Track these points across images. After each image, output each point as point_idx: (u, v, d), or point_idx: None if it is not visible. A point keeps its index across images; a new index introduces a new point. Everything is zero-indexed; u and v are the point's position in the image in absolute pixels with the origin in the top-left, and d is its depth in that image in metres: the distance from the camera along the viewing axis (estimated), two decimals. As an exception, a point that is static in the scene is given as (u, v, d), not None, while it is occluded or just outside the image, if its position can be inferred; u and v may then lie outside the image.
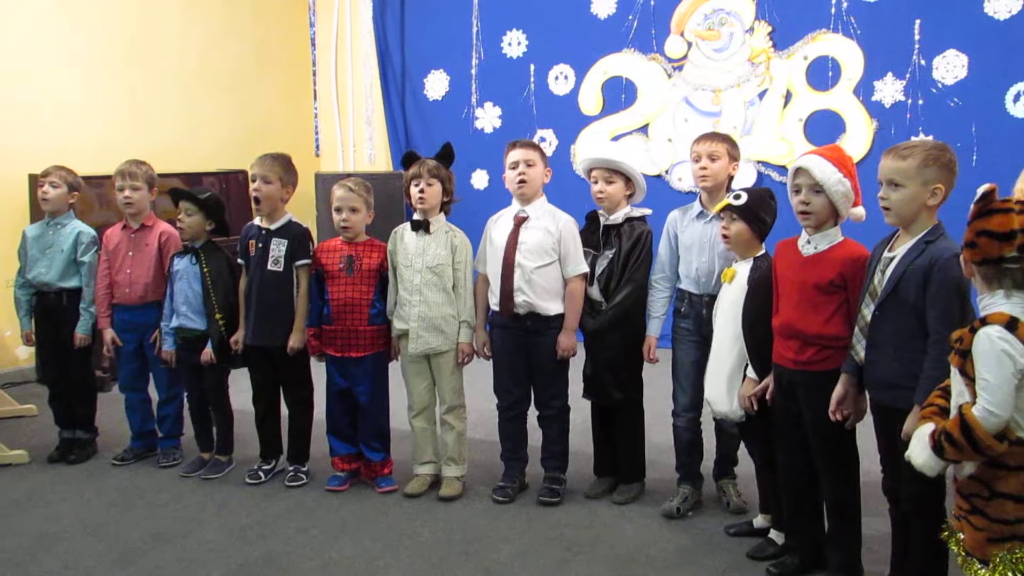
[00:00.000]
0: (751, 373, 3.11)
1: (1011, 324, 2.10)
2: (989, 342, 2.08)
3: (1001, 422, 2.07)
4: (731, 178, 3.57)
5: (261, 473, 4.01)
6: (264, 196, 3.85)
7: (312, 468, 4.05)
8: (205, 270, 3.97)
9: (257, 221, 3.96)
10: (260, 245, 3.90)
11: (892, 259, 2.58)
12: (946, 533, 2.35)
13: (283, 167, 3.90)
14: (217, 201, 4.05)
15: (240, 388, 4.17)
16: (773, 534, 3.23)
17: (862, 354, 2.66)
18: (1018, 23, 5.62)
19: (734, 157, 3.53)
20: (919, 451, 2.20)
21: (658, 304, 3.65)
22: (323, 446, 4.00)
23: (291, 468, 4.01)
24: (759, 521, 3.37)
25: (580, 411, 3.88)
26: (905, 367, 2.47)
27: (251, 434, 4.18)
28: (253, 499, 3.82)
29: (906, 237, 2.58)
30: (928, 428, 2.20)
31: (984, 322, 2.12)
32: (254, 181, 3.86)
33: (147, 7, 6.39)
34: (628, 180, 3.65)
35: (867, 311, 2.63)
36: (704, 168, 3.49)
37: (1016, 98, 5.69)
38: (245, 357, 4.00)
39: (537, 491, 3.76)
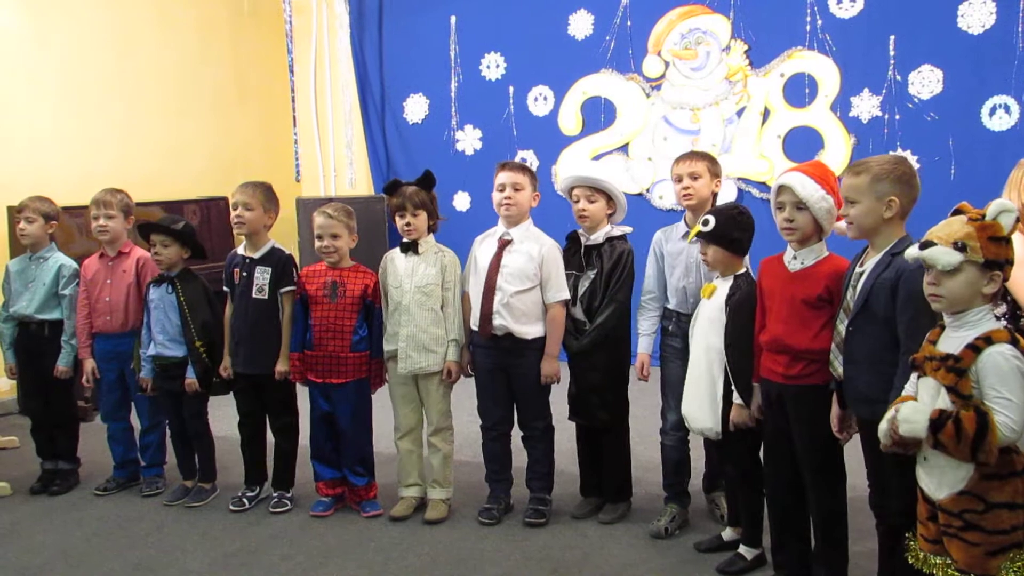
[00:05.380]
0: (736, 398, 3.12)
1: (1014, 341, 2.14)
2: (1006, 361, 2.12)
3: (1016, 440, 2.12)
4: (715, 195, 3.61)
5: (245, 500, 4.00)
6: (247, 222, 3.87)
7: (297, 494, 4.04)
8: (182, 299, 3.98)
9: (241, 250, 3.98)
10: (244, 274, 3.92)
11: (862, 274, 2.63)
12: (913, 557, 2.37)
13: (264, 194, 3.93)
14: (191, 229, 4.06)
15: (224, 414, 4.18)
16: (743, 549, 3.26)
17: (840, 369, 2.69)
18: (991, 37, 5.71)
19: (716, 174, 3.58)
20: (914, 412, 2.20)
21: (648, 323, 3.69)
22: (308, 471, 4.00)
23: (275, 494, 4.00)
24: (728, 534, 3.40)
25: (565, 431, 3.89)
26: (882, 381, 2.50)
27: (235, 460, 4.17)
28: (237, 526, 3.81)
29: (874, 251, 2.63)
30: (942, 395, 2.20)
31: (989, 341, 2.15)
32: (235, 208, 3.89)
33: (124, 36, 6.42)
34: (609, 199, 3.69)
35: (842, 327, 2.67)
36: (687, 188, 3.53)
37: (992, 111, 5.79)
38: (227, 384, 4.00)
39: (523, 512, 3.77)
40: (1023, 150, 3.33)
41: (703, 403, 3.22)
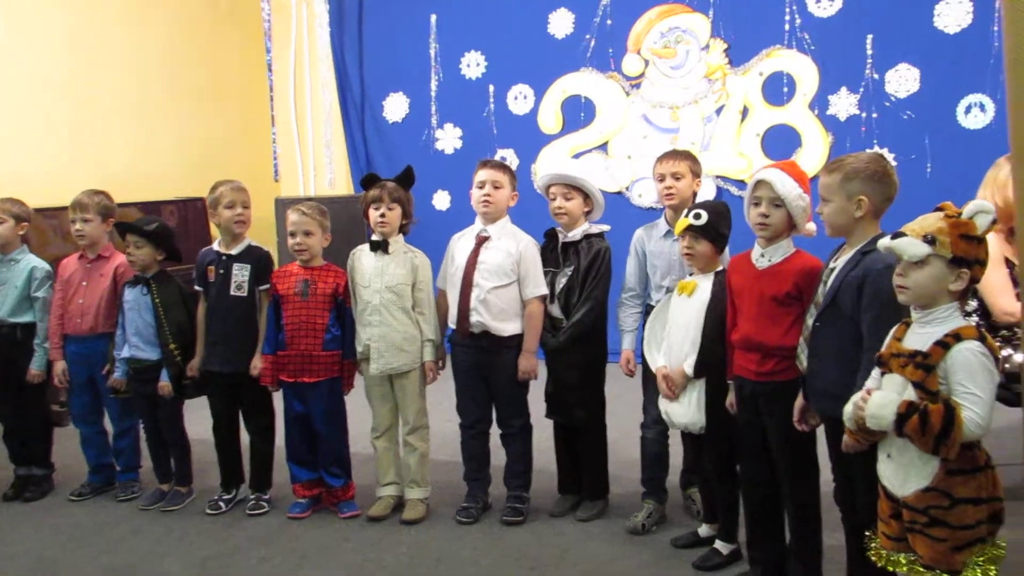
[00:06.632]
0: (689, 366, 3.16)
1: (982, 338, 2.16)
2: (975, 357, 2.14)
3: (981, 435, 2.14)
4: (695, 194, 3.63)
5: (222, 503, 3.99)
6: (248, 220, 3.91)
7: (274, 496, 4.03)
8: (156, 300, 3.95)
9: (216, 247, 3.96)
10: (221, 271, 3.90)
11: (833, 270, 2.64)
12: (875, 555, 2.39)
13: (246, 192, 3.95)
14: (165, 230, 4.04)
15: (200, 417, 4.15)
16: (718, 544, 3.28)
17: (805, 363, 2.71)
18: (968, 37, 5.77)
19: (697, 173, 3.61)
20: (880, 408, 2.21)
21: (629, 320, 3.70)
22: (285, 474, 3.98)
23: (252, 496, 3.99)
24: (704, 531, 3.42)
25: (544, 429, 3.90)
26: (846, 376, 2.51)
27: (212, 463, 4.15)
28: (214, 529, 3.79)
29: (848, 248, 2.65)
30: (909, 391, 2.22)
31: (958, 337, 2.16)
32: (233, 207, 3.87)
33: (100, 35, 6.37)
34: (586, 196, 3.70)
35: (810, 321, 2.69)
36: (669, 187, 3.55)
37: (968, 110, 5.84)
38: (202, 386, 3.98)
39: (501, 511, 3.77)
40: (998, 148, 3.35)
41: (687, 399, 3.22)
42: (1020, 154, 2.24)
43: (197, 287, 3.99)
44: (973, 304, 3.46)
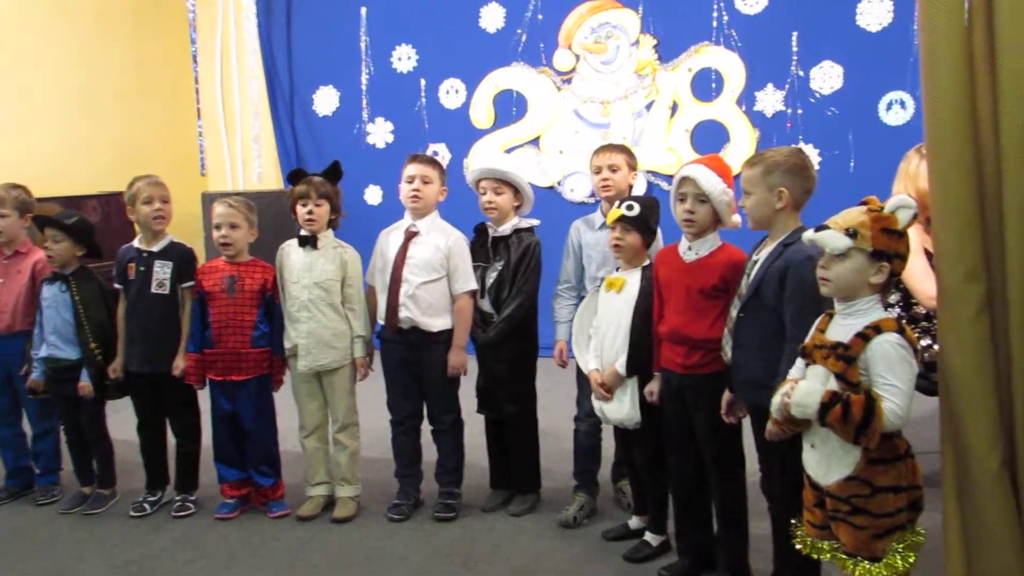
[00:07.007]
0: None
1: (900, 330, 2.20)
2: (894, 349, 2.17)
3: (901, 426, 2.18)
4: (631, 187, 3.66)
5: (146, 505, 3.89)
6: (168, 216, 3.81)
7: (200, 496, 3.94)
8: (76, 298, 3.83)
9: (136, 243, 3.86)
10: (141, 268, 3.80)
11: (756, 262, 2.68)
12: (801, 543, 2.44)
13: (165, 186, 3.86)
14: (86, 224, 3.92)
15: (123, 417, 4.04)
16: (648, 536, 3.31)
17: (730, 354, 2.75)
18: (888, 35, 5.91)
19: (632, 166, 3.65)
20: (806, 396, 2.23)
21: (564, 312, 3.70)
22: (212, 474, 3.90)
23: (178, 498, 3.90)
24: (635, 523, 3.45)
25: (475, 424, 3.88)
26: (769, 366, 2.56)
27: (136, 465, 4.04)
28: (138, 532, 3.70)
29: (770, 241, 2.69)
30: (831, 383, 2.25)
31: (878, 330, 2.20)
32: (151, 203, 3.78)
33: (19, 25, 6.16)
34: (516, 191, 3.70)
35: (734, 312, 2.73)
36: (606, 179, 3.58)
37: (889, 107, 5.99)
38: (124, 386, 3.87)
39: (432, 507, 3.76)
40: (918, 143, 3.46)
41: (622, 396, 3.23)
42: (935, 149, 2.30)
43: (117, 285, 3.87)
44: (895, 296, 3.55)
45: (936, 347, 3.42)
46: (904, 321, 3.04)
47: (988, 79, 2.23)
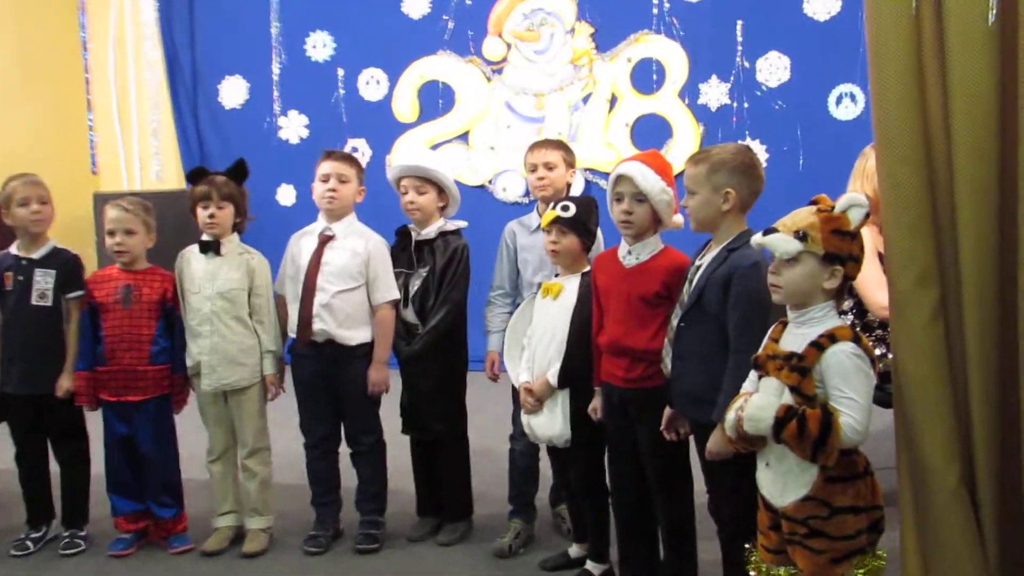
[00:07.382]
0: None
1: (856, 339, 2.22)
2: (849, 359, 2.19)
3: (860, 442, 2.20)
4: (569, 186, 3.67)
5: (29, 543, 3.75)
6: (47, 219, 3.70)
7: (92, 531, 3.82)
8: (-54, 309, 3.70)
9: (13, 250, 3.74)
10: (20, 277, 3.68)
11: (699, 268, 2.70)
12: (755, 568, 2.45)
13: (43, 186, 3.74)
14: None
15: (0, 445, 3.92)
16: (590, 565, 3.29)
17: (670, 366, 2.75)
18: (837, 24, 6.06)
19: (570, 164, 3.66)
20: (760, 410, 2.23)
21: (497, 320, 3.69)
22: (104, 506, 3.79)
23: (66, 534, 3.77)
24: (574, 551, 3.43)
25: (400, 445, 3.84)
26: (712, 380, 2.57)
27: (15, 496, 3.90)
28: (20, 574, 3.57)
29: (714, 245, 2.70)
30: (786, 395, 2.25)
31: (833, 339, 2.22)
32: (28, 204, 3.66)
33: None
34: (441, 190, 3.68)
35: (675, 321, 2.74)
36: (542, 178, 3.58)
37: (839, 100, 6.13)
38: (1, 410, 3.74)
39: (353, 538, 3.70)
40: (870, 140, 3.51)
41: (551, 410, 3.22)
42: (883, 144, 2.34)
43: (-8, 296, 3.75)
44: (848, 303, 3.61)
45: (890, 356, 3.49)
46: (858, 329, 3.08)
47: (937, 69, 2.27)
